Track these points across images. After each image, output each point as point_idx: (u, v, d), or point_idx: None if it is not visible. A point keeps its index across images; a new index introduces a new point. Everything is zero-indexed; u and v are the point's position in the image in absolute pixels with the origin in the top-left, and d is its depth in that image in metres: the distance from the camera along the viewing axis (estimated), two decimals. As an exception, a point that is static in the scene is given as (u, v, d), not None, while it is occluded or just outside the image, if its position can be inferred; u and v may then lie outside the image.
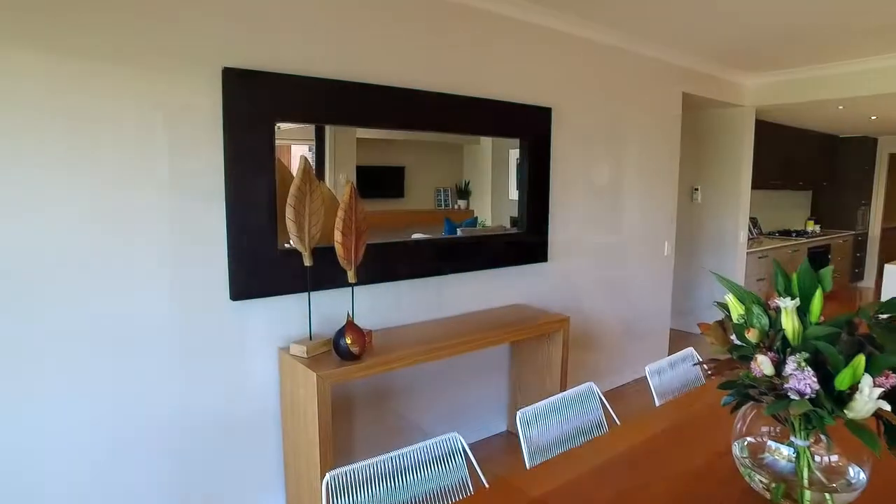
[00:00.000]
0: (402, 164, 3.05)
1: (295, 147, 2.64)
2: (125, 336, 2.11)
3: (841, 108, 5.27)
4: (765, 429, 1.40)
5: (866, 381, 1.07)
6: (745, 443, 1.41)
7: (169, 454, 2.26)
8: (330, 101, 2.49)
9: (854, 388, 1.10)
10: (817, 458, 1.30)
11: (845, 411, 1.12)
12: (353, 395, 2.80)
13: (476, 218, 3.34)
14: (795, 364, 1.15)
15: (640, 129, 4.10)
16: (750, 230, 6.76)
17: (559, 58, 3.46)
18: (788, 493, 1.30)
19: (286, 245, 2.42)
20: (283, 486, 2.58)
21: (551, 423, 1.79)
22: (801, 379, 1.14)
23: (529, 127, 3.26)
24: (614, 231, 4.02)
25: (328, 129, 2.68)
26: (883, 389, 1.07)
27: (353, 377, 2.26)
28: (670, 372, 2.28)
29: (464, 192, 3.35)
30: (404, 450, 1.49)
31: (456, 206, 3.33)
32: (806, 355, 1.15)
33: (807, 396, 1.14)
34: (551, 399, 1.81)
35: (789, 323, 1.23)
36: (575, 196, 3.68)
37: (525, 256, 3.35)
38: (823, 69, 4.61)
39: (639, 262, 4.26)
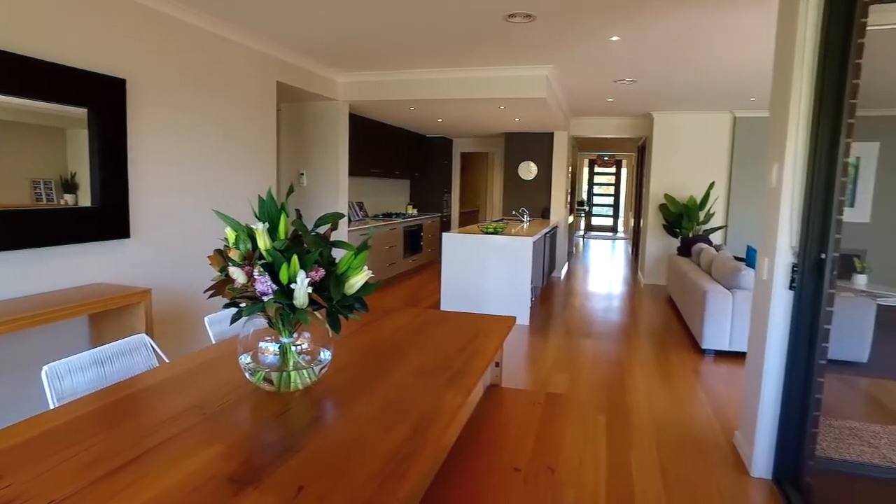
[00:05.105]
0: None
1: None
2: None
3: (412, 109, 6.46)
4: (267, 338, 1.72)
5: (301, 275, 1.46)
6: (251, 354, 1.71)
7: None
8: None
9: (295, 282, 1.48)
10: (300, 348, 1.69)
11: (293, 301, 1.49)
12: None
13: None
14: (258, 271, 1.48)
15: (235, 110, 4.28)
16: (356, 212, 7.71)
17: (141, 31, 3.37)
18: (280, 381, 1.65)
19: None
20: None
21: (92, 373, 1.81)
22: (263, 282, 1.47)
23: (99, 96, 3.10)
24: (213, 208, 4.12)
25: None
26: (310, 280, 1.47)
27: None
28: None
29: (70, 186, 3.00)
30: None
31: (63, 202, 2.96)
32: (263, 262, 1.48)
33: (269, 297, 1.48)
34: (91, 352, 1.84)
35: (262, 242, 1.56)
36: (164, 172, 3.65)
37: (102, 232, 3.17)
38: (397, 75, 5.60)
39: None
